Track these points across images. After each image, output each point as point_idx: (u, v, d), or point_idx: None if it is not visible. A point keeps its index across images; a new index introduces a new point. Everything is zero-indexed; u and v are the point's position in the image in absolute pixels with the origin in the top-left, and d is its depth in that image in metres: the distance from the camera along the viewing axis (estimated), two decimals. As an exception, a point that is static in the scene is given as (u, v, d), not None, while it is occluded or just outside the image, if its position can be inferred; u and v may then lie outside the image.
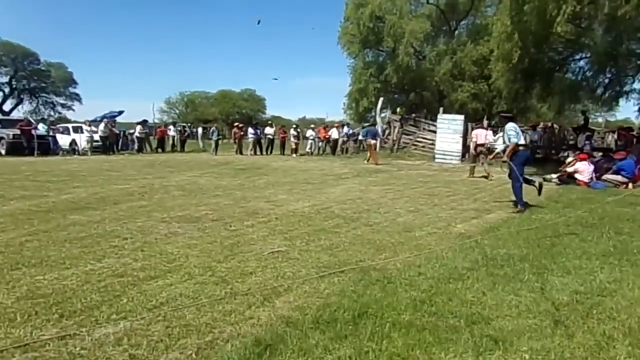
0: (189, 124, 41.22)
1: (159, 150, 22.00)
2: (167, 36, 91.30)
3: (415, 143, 21.01)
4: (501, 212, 7.19)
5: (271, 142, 23.82)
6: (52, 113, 50.28)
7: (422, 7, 24.46)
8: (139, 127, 21.16)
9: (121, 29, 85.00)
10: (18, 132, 17.20)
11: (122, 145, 21.15)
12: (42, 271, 3.74)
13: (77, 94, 52.42)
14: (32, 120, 20.39)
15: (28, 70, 47.58)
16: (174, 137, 23.12)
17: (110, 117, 21.76)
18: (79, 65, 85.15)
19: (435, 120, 19.88)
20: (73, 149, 18.72)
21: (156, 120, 48.76)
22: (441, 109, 19.92)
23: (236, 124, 23.73)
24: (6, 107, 47.55)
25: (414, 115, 22.72)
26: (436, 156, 18.42)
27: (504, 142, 7.65)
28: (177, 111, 57.46)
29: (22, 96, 49.01)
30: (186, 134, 25.31)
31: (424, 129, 21.20)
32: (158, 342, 2.56)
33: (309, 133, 24.45)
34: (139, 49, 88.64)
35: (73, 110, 51.77)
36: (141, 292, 3.33)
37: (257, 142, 22.51)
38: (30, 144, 17.09)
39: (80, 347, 2.48)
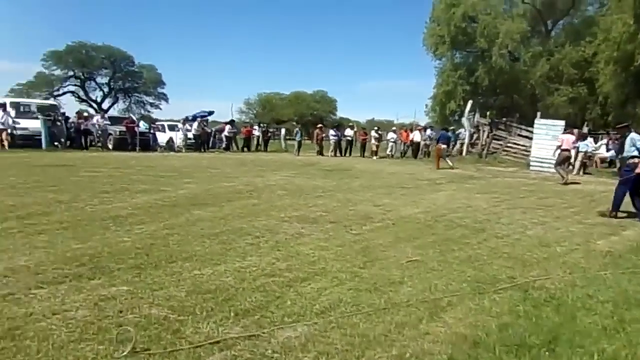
0: (265, 124, 42.58)
1: (245, 149, 22.81)
2: (244, 38, 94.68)
3: (506, 149, 19.87)
4: (637, 228, 6.47)
5: (350, 143, 23.77)
6: (142, 111, 54.37)
7: (517, 7, 23.09)
8: (228, 127, 22.11)
9: (201, 31, 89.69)
10: (124, 129, 18.69)
11: (212, 144, 22.20)
12: (197, 266, 3.85)
13: (164, 94, 56.24)
14: (135, 118, 21.97)
15: (124, 72, 51.84)
16: (258, 137, 23.87)
17: (202, 117, 22.88)
18: (167, 66, 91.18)
19: (527, 124, 18.65)
20: (170, 145, 19.96)
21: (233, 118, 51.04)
22: (538, 114, 18.62)
23: (319, 125, 24.00)
24: (104, 105, 52.09)
25: (504, 119, 21.50)
26: (531, 164, 17.22)
27: (626, 152, 7.24)
28: (255, 112, 59.40)
29: (117, 95, 53.48)
30: (269, 134, 26.00)
31: (516, 134, 19.99)
32: (345, 352, 2.47)
33: (390, 135, 24.07)
34: (218, 51, 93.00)
35: (160, 109, 55.62)
36: (299, 294, 3.30)
37: (338, 143, 22.58)
38: (133, 140, 18.49)
39: (271, 350, 2.46)
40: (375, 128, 24.06)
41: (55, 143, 16.93)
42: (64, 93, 50.36)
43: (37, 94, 46.74)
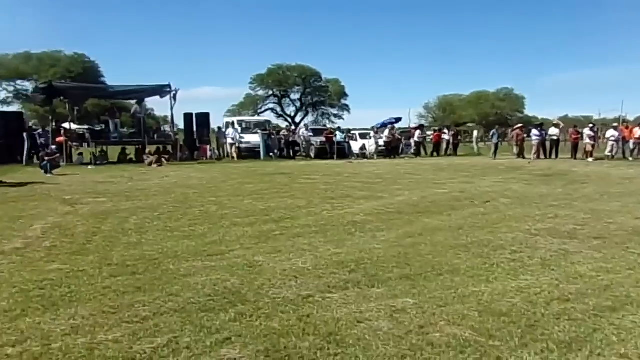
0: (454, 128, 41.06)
1: (434, 154, 22.26)
2: (416, 41, 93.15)
3: None
4: None
5: (556, 143, 20.87)
6: (327, 123, 58.62)
7: None
8: (417, 132, 21.96)
9: (379, 42, 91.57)
10: (324, 139, 20.31)
11: (400, 150, 22.31)
12: (468, 281, 3.58)
13: (347, 105, 59.66)
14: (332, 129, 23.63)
15: (313, 87, 56.86)
16: (448, 140, 23.02)
17: (390, 123, 23.27)
18: (349, 78, 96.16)
19: None
20: (363, 153, 20.84)
21: (412, 125, 50.77)
22: None
23: (519, 125, 21.87)
24: (297, 119, 57.98)
25: None
26: None
27: None
28: (434, 115, 58.05)
29: (307, 109, 58.89)
30: (459, 137, 24.85)
31: None
32: None
33: (610, 133, 20.29)
34: (391, 59, 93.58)
35: (343, 119, 59.12)
36: (618, 328, 2.70)
37: (542, 144, 20.07)
38: (332, 149, 19.89)
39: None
40: (590, 125, 20.59)
41: (270, 154, 19.38)
42: (265, 110, 57.94)
43: (245, 112, 54.93)
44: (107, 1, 74.85)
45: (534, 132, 20.19)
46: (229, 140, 19.13)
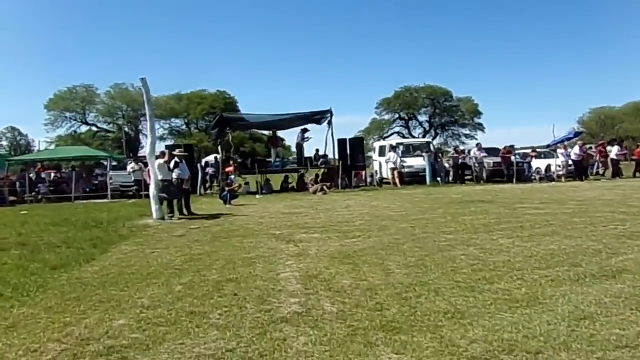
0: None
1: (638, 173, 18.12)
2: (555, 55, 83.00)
3: None
4: None
5: None
6: (457, 143, 54.78)
7: None
8: (616, 148, 18.16)
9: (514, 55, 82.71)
10: (497, 159, 17.77)
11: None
12: None
13: (480, 124, 55.19)
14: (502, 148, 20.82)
15: (442, 107, 53.88)
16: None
17: (567, 139, 19.80)
18: (484, 96, 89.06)
19: None
20: (547, 175, 17.78)
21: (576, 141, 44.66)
22: None
23: None
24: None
25: None
26: None
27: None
28: (591, 130, 50.66)
29: (437, 131, 55.87)
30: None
31: None
32: None
33: None
34: (533, 75, 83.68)
35: (476, 139, 54.66)
36: None
37: None
38: (509, 170, 17.25)
39: None
40: None
41: (437, 178, 17.45)
42: (392, 134, 56.32)
43: (370, 137, 53.99)
44: (241, 36, 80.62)
45: None
46: (390, 165, 17.67)
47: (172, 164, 9.94)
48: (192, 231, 8.17)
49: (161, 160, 9.90)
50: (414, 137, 57.28)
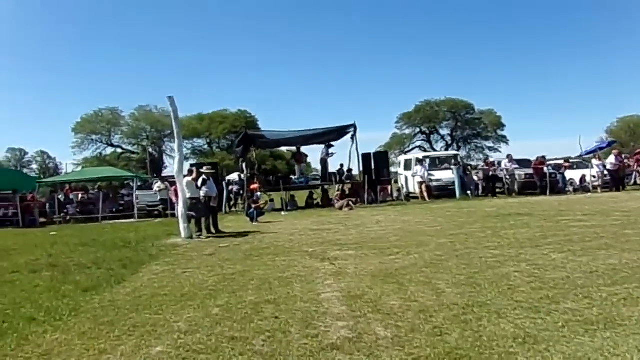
0: None
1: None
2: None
3: None
4: None
5: None
6: (480, 156, 53.71)
7: None
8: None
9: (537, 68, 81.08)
10: (529, 171, 17.15)
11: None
12: None
13: (504, 136, 54.13)
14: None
15: (464, 120, 53.13)
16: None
17: (600, 149, 19.07)
18: (507, 109, 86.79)
19: None
20: (583, 186, 17.05)
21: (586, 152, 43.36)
22: None
23: None
24: (448, 155, 54.45)
25: None
26: None
27: None
28: (621, 139, 49.00)
29: (459, 144, 55.00)
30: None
31: None
32: None
33: None
34: (557, 86, 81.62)
35: (500, 152, 53.50)
36: None
37: None
38: (542, 182, 16.61)
39: None
40: None
41: (467, 192, 16.92)
42: (413, 148, 55.71)
43: (391, 152, 53.49)
44: (260, 54, 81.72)
45: None
46: (418, 179, 17.23)
47: (199, 182, 9.82)
48: (222, 250, 7.96)
49: (189, 178, 9.80)
50: (435, 150, 56.61)
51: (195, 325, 3.81)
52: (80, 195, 20.45)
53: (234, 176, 19.43)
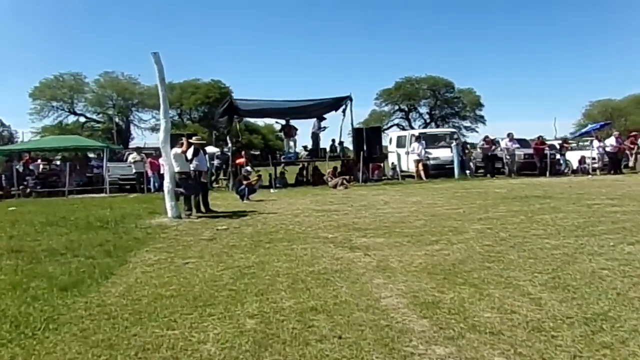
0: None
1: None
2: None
3: None
4: None
5: None
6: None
7: None
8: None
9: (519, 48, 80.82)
10: (529, 151, 16.59)
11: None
12: None
13: (482, 116, 54.17)
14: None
15: (444, 99, 52.72)
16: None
17: (594, 131, 18.75)
18: (485, 88, 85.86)
19: None
20: (582, 167, 16.66)
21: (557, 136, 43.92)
22: None
23: None
24: (425, 134, 54.15)
25: None
26: None
27: None
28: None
29: (437, 123, 54.68)
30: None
31: None
32: None
33: None
34: (533, 68, 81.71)
35: (477, 132, 53.60)
36: None
37: None
38: (541, 163, 16.09)
39: None
40: None
41: (467, 171, 16.21)
42: (391, 126, 55.03)
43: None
44: (235, 24, 78.61)
45: None
46: (414, 157, 16.36)
47: (190, 154, 8.54)
48: (221, 233, 6.82)
49: (178, 150, 8.47)
50: (413, 129, 56.10)
51: (230, 349, 2.74)
52: (41, 166, 18.46)
53: (214, 149, 17.96)
